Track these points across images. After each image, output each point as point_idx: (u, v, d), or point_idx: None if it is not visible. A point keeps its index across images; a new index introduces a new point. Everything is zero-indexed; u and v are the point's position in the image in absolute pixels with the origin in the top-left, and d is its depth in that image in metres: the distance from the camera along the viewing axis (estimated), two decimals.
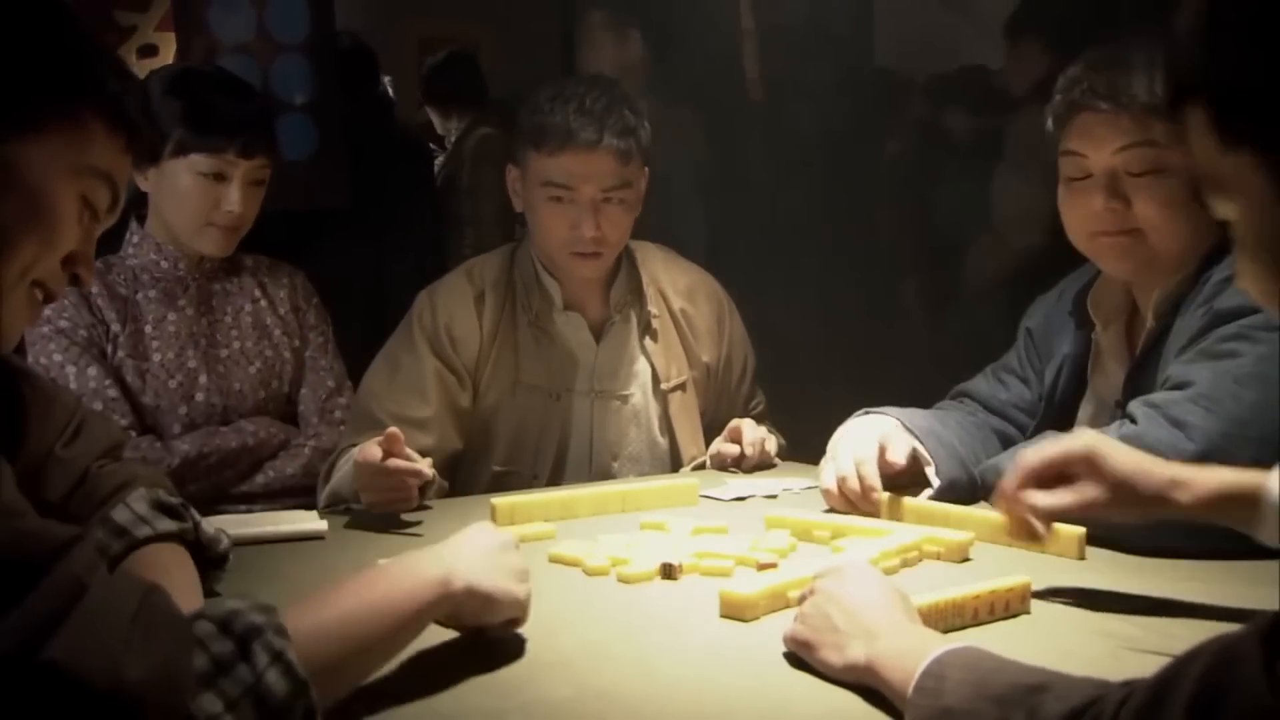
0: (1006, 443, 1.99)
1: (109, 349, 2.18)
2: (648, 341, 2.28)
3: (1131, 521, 1.42)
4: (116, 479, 1.40)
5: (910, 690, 1.06)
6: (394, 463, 1.78)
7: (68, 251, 1.14)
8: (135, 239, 2.25)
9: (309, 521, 1.80)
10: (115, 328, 2.19)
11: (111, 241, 2.27)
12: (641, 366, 2.28)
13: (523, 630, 1.30)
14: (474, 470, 2.21)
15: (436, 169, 4.63)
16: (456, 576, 1.18)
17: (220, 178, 2.16)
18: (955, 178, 4.35)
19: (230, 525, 1.62)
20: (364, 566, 1.48)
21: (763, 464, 2.19)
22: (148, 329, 2.22)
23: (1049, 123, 1.79)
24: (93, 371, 2.14)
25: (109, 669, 0.90)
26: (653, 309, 2.28)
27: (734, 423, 2.23)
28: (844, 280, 4.59)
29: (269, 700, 0.96)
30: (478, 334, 2.18)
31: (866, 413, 1.94)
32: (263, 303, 2.33)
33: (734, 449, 2.19)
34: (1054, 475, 1.41)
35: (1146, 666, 1.23)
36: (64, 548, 0.93)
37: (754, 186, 4.53)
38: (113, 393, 2.15)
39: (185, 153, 2.14)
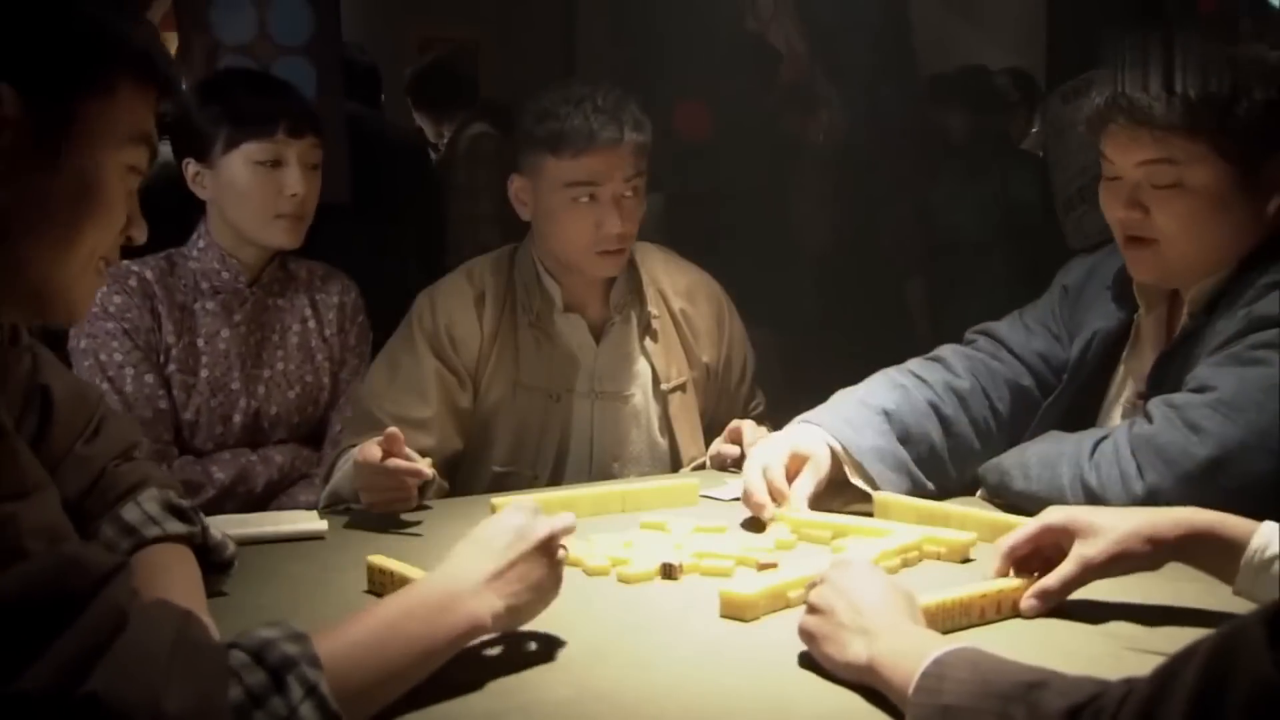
0: (1020, 395, 1.93)
1: (161, 358, 2.18)
2: (648, 342, 2.28)
3: (1124, 574, 1.37)
4: (130, 478, 1.41)
5: (910, 690, 1.06)
6: (393, 463, 1.78)
7: (125, 217, 1.16)
8: (201, 243, 2.24)
9: (309, 521, 1.80)
10: (169, 339, 2.19)
11: (175, 234, 2.28)
12: (641, 367, 2.28)
13: (522, 630, 1.30)
14: (474, 470, 2.21)
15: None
16: (486, 616, 1.17)
17: (276, 164, 2.16)
18: (957, 178, 4.36)
19: (231, 525, 1.62)
20: (363, 567, 1.49)
21: None
22: (200, 342, 2.21)
23: (1083, 122, 1.78)
24: (149, 379, 2.14)
25: (149, 702, 0.90)
26: (653, 309, 2.28)
27: (734, 424, 2.22)
28: (844, 280, 4.60)
29: None
30: (478, 335, 2.18)
31: (803, 420, 1.89)
32: (311, 323, 2.32)
33: (734, 450, 2.19)
34: (1033, 551, 1.42)
35: (1147, 666, 1.23)
36: (106, 577, 0.93)
37: (755, 186, 4.52)
38: (163, 404, 2.15)
39: (237, 145, 2.15)
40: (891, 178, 4.63)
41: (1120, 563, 1.34)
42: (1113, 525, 1.35)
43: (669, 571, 1.54)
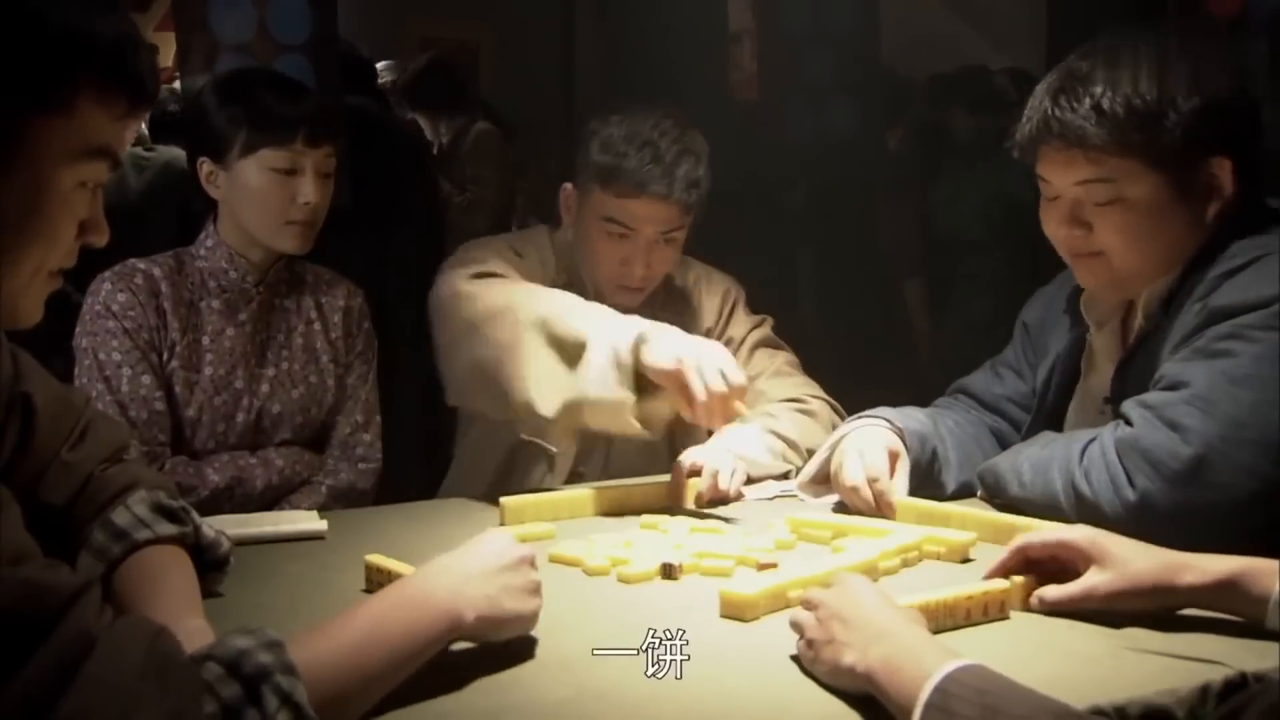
0: (1002, 440, 1.99)
1: (164, 356, 2.18)
2: None
3: (1133, 610, 1.36)
4: (119, 482, 1.40)
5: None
6: None
7: (74, 234, 1.11)
8: (209, 242, 2.23)
9: (309, 521, 1.80)
10: (174, 335, 2.18)
11: (188, 231, 2.30)
12: None
13: None
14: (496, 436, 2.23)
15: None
16: (467, 610, 1.17)
17: (291, 172, 2.16)
18: (957, 178, 4.36)
19: (230, 525, 1.62)
20: (362, 567, 1.49)
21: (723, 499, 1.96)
22: (205, 340, 2.21)
23: (1016, 147, 1.80)
24: (146, 380, 2.14)
25: None
26: (663, 309, 2.27)
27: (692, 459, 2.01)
28: (844, 279, 4.60)
29: None
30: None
31: (860, 417, 1.93)
32: (316, 325, 2.31)
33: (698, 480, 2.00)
34: (1047, 559, 1.41)
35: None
36: (72, 599, 0.92)
37: (751, 186, 4.53)
38: (159, 406, 2.15)
39: (254, 150, 2.14)
40: (887, 180, 4.64)
41: (1127, 599, 1.34)
42: (1129, 560, 1.34)
43: (669, 571, 1.54)
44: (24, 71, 1.04)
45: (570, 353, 1.86)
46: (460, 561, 1.22)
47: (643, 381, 1.80)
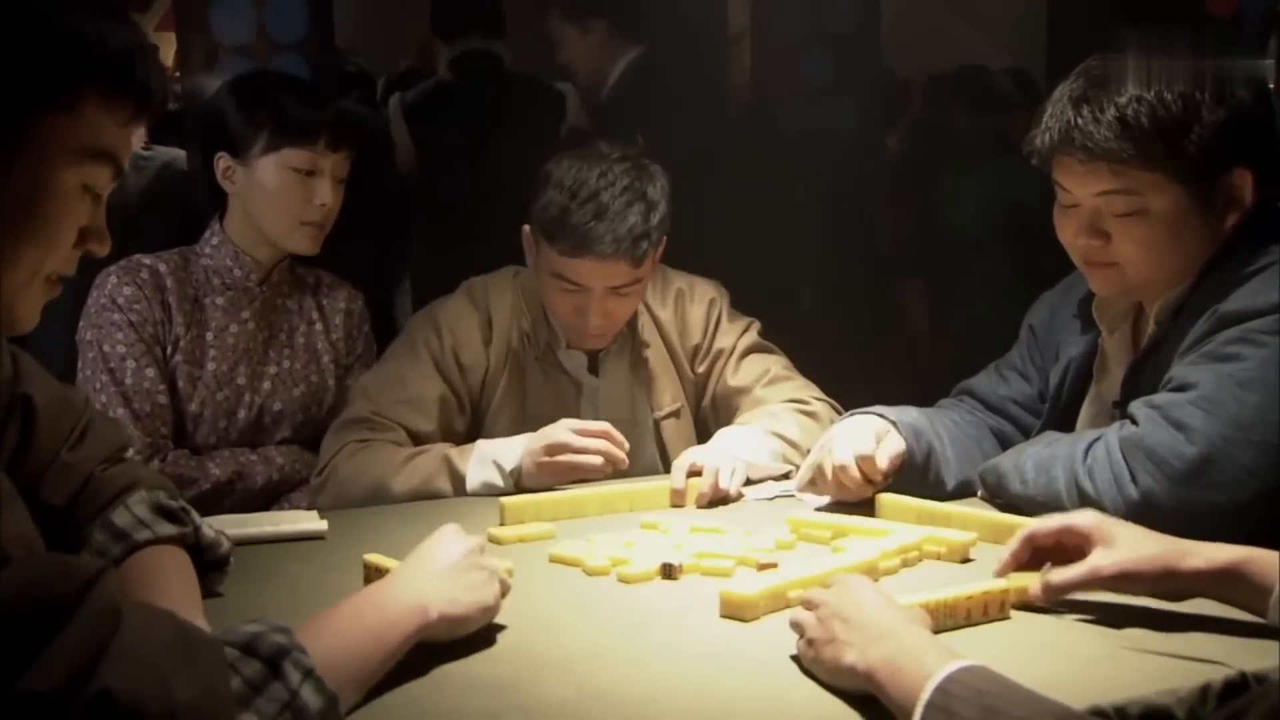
0: (1004, 441, 1.99)
1: (169, 350, 2.19)
2: (641, 371, 2.28)
3: (1136, 594, 1.36)
4: (119, 482, 1.40)
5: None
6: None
7: (74, 238, 1.12)
8: (215, 240, 2.25)
9: (309, 521, 1.80)
10: (179, 330, 2.20)
11: (188, 231, 2.32)
12: (638, 397, 2.28)
13: (522, 630, 1.31)
14: None
15: None
16: (431, 607, 1.20)
17: (311, 173, 2.18)
18: (957, 178, 4.36)
19: (230, 525, 1.62)
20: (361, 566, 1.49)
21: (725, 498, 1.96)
22: (209, 336, 2.22)
23: (1034, 154, 1.77)
24: (150, 373, 2.15)
25: (160, 693, 0.91)
26: (645, 338, 2.28)
27: (691, 460, 2.00)
28: (844, 279, 4.60)
29: (305, 715, 0.99)
30: (484, 361, 2.18)
31: (853, 413, 1.93)
32: (318, 326, 2.33)
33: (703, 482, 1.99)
34: (1054, 545, 1.41)
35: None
36: (93, 579, 0.94)
37: (751, 187, 4.52)
38: (163, 399, 2.16)
39: (277, 149, 2.16)
40: (886, 179, 4.63)
41: (1129, 582, 1.34)
42: (1133, 543, 1.35)
43: (669, 571, 1.54)
44: (30, 69, 1.05)
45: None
46: (418, 563, 1.26)
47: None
